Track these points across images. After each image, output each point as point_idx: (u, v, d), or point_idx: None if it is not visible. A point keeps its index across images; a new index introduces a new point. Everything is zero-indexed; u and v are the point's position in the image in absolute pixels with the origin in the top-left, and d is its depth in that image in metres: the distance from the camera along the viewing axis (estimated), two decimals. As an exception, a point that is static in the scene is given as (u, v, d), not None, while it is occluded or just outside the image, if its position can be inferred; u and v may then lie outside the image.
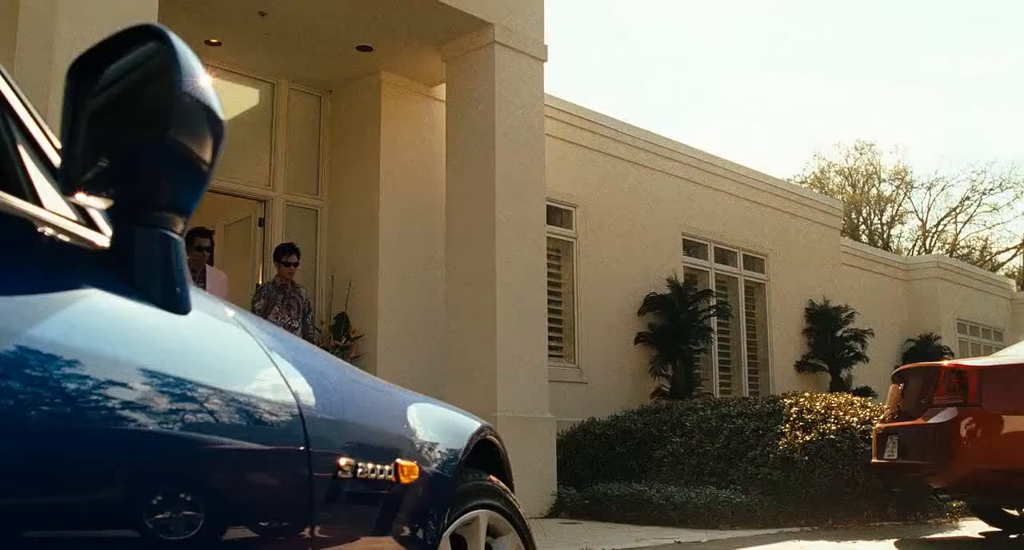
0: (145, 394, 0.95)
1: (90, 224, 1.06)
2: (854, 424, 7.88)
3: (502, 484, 2.02)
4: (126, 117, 0.99)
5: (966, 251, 44.04)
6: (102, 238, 1.06)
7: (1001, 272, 43.80)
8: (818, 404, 8.34)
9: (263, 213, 8.77)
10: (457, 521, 1.78)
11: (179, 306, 1.09)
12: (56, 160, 1.05)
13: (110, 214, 1.06)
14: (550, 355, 9.13)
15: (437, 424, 1.82)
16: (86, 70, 1.01)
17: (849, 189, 44.09)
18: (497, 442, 2.09)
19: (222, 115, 1.04)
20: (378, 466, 1.42)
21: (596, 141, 11.24)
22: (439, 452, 1.71)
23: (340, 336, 8.17)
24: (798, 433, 7.84)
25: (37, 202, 0.99)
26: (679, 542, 6.32)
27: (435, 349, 8.30)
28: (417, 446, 1.64)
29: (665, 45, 55.67)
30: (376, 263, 8.68)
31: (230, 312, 1.30)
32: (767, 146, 53.73)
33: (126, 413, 0.91)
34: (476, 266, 8.03)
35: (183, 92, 0.98)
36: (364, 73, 8.97)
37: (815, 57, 54.23)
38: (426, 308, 8.70)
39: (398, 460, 1.50)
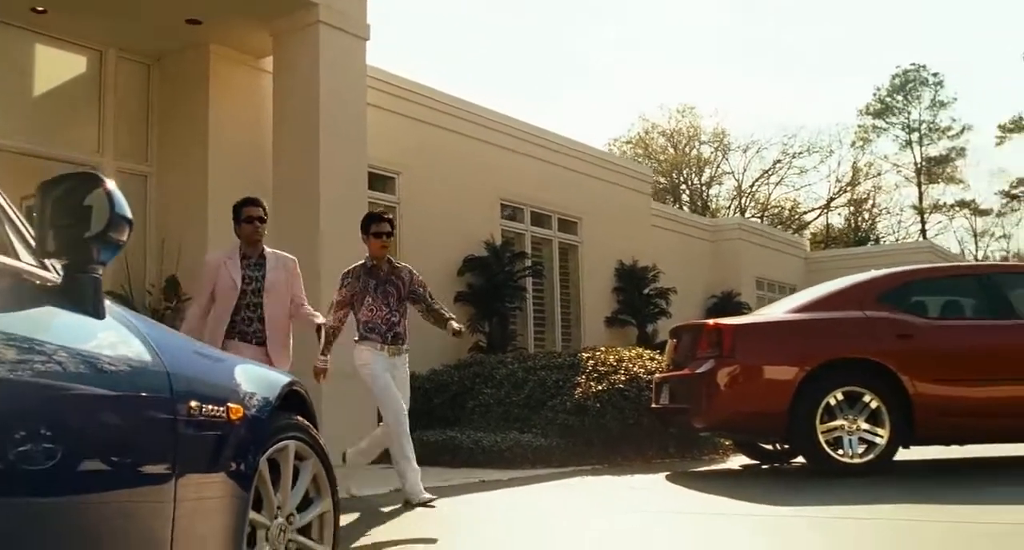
0: (77, 365, 1.63)
1: (49, 271, 1.75)
2: (641, 374, 8.94)
3: (307, 422, 2.76)
4: (76, 220, 1.68)
5: (777, 211, 46.98)
6: (57, 279, 1.77)
7: (808, 231, 46.98)
8: (611, 357, 9.38)
9: (92, 179, 9.01)
10: (272, 448, 2.51)
11: (99, 315, 1.81)
12: (31, 239, 1.74)
13: (62, 267, 1.77)
14: (373, 314, 9.80)
15: (257, 380, 2.54)
16: (49, 188, 1.69)
17: (671, 150, 46.12)
18: (303, 392, 2.83)
19: (130, 215, 1.72)
20: (216, 408, 2.14)
21: (419, 111, 11.88)
22: (258, 399, 2.43)
23: (171, 298, 8.57)
24: (592, 383, 8.85)
25: (19, 260, 1.66)
26: (483, 481, 7.18)
27: (263, 310, 8.81)
28: (242, 395, 2.35)
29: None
30: (205, 227, 9.08)
31: (126, 315, 1.96)
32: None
33: (64, 376, 1.60)
34: (302, 230, 8.58)
35: (115, 213, 1.67)
36: (193, 44, 9.30)
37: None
38: (254, 270, 9.18)
39: (228, 404, 2.21)
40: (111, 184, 1.74)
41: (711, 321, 7.44)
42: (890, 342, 6.77)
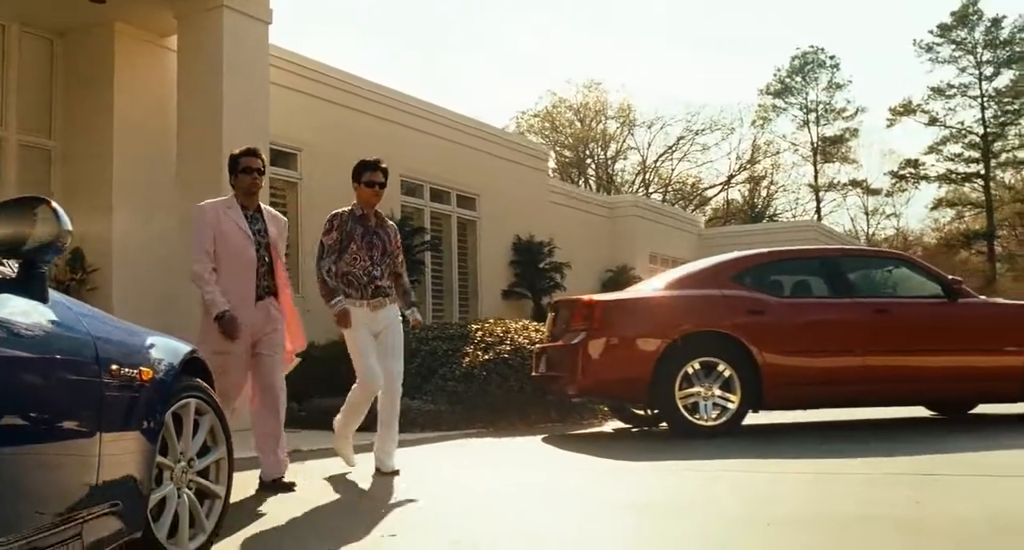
0: (24, 335, 2.16)
1: (6, 267, 2.28)
2: (526, 345, 9.60)
3: (205, 384, 3.31)
4: (28, 232, 2.20)
5: (680, 186, 48.23)
6: (12, 274, 2.30)
7: (709, 207, 48.34)
8: (498, 329, 10.03)
9: (-5, 152, 9.23)
10: (176, 404, 3.07)
11: (44, 299, 2.33)
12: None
13: (18, 264, 2.28)
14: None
15: (164, 348, 3.08)
16: (5, 206, 2.20)
17: (578, 124, 46.85)
18: (202, 358, 3.39)
19: (71, 227, 2.24)
20: (132, 370, 2.68)
21: (320, 90, 12.28)
22: (164, 364, 2.97)
23: (76, 271, 8.87)
24: (479, 353, 9.48)
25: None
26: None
27: (167, 282, 9.12)
28: (151, 360, 2.89)
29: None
30: (110, 202, 9.37)
31: (64, 299, 2.48)
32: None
33: (15, 344, 2.12)
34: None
35: (61, 227, 2.19)
36: (97, 22, 9.51)
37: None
38: (158, 243, 9.44)
39: (141, 367, 2.75)
40: (55, 203, 2.27)
41: (585, 297, 8.12)
42: (742, 317, 7.54)
